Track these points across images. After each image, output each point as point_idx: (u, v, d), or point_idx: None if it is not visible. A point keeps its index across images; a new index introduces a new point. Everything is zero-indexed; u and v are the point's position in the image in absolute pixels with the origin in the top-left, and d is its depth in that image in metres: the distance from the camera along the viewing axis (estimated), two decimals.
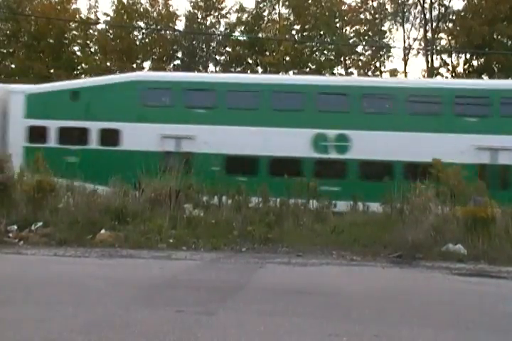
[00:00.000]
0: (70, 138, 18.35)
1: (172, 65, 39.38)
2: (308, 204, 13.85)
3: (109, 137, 18.05)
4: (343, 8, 38.87)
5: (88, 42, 38.43)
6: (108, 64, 36.92)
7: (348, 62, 39.09)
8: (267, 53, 37.74)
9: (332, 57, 38.34)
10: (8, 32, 37.63)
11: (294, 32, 39.14)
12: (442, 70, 37.81)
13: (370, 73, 38.70)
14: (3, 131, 18.48)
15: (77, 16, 38.43)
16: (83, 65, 37.53)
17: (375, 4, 39.06)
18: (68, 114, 18.32)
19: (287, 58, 37.35)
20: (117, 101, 18.23)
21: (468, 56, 36.65)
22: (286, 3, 38.68)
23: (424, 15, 37.75)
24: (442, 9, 37.62)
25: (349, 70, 38.90)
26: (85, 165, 16.22)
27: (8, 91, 19.08)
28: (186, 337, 5.10)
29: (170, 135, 17.61)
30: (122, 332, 5.24)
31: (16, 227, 11.68)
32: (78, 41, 38.45)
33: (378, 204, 13.40)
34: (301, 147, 17.17)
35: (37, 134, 18.27)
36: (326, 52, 38.33)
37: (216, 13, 39.26)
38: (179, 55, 39.76)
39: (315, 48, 38.11)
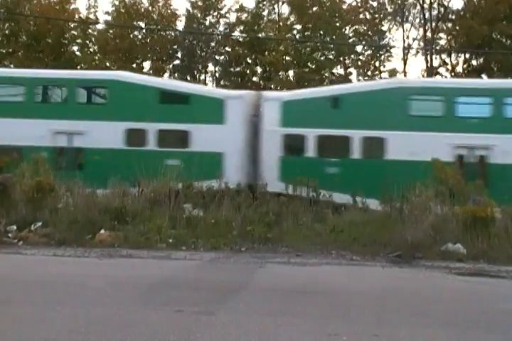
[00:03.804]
0: None
1: (172, 65, 39.39)
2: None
3: None
4: (343, 7, 38.88)
5: (87, 42, 38.42)
6: (107, 64, 36.89)
7: (347, 61, 39.10)
8: (267, 53, 37.72)
9: (332, 56, 38.33)
10: (7, 32, 37.60)
11: (294, 32, 39.12)
12: (442, 70, 37.87)
13: (369, 73, 38.74)
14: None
15: (76, 16, 38.41)
16: (82, 64, 37.48)
17: (374, 4, 39.09)
18: None
19: (287, 58, 37.35)
20: None
21: (467, 56, 36.66)
22: (287, 2, 38.70)
23: (424, 15, 37.79)
24: (441, 9, 37.65)
25: (348, 70, 38.94)
26: None
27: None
28: (186, 337, 5.10)
29: None
30: (122, 331, 5.24)
31: (15, 227, 11.67)
32: (77, 41, 38.44)
33: None
34: None
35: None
36: (325, 51, 38.33)
37: (215, 13, 39.25)
38: (179, 55, 39.75)
39: (315, 48, 38.10)
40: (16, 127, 17.31)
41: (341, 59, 38.74)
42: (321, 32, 38.14)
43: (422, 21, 37.88)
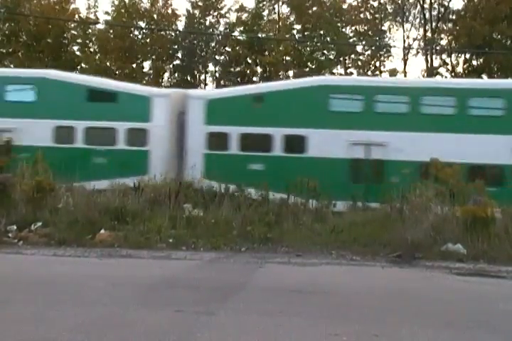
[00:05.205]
0: None
1: (172, 64, 39.39)
2: (308, 203, 13.85)
3: None
4: (344, 7, 38.90)
5: (87, 41, 38.43)
6: (108, 64, 36.91)
7: (347, 61, 39.09)
8: (267, 53, 37.72)
9: (332, 56, 38.33)
10: (7, 32, 37.59)
11: (294, 31, 39.13)
12: (442, 70, 37.86)
13: (369, 73, 38.73)
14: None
15: (77, 16, 38.41)
16: (83, 64, 37.49)
17: (375, 4, 39.10)
18: None
19: (287, 58, 37.35)
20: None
21: (467, 56, 36.66)
22: (287, 2, 38.70)
23: (424, 15, 37.77)
24: (442, 9, 37.65)
25: (349, 70, 38.93)
26: None
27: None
28: (186, 337, 5.09)
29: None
30: (122, 331, 5.24)
31: (15, 227, 11.67)
32: (78, 41, 38.45)
33: None
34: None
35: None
36: (326, 51, 38.33)
37: (215, 13, 39.25)
38: (179, 54, 39.76)
39: (315, 48, 38.11)
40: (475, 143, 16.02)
41: (341, 59, 38.74)
42: (322, 32, 38.15)
43: (423, 21, 37.89)
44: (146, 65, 38.93)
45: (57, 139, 17.57)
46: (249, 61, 38.46)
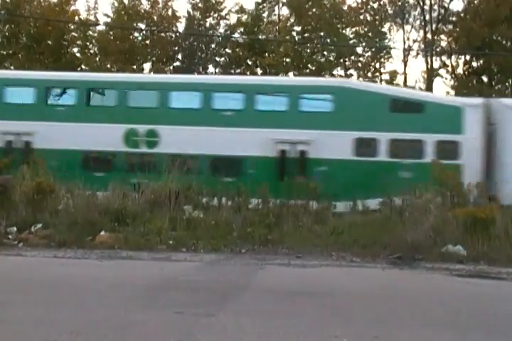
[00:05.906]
0: None
1: (172, 66, 39.41)
2: (308, 205, 13.85)
3: None
4: (344, 8, 38.91)
5: (88, 43, 38.44)
6: (108, 65, 36.92)
7: (347, 63, 39.11)
8: (267, 54, 37.74)
9: (332, 58, 38.35)
10: (7, 33, 37.62)
11: (294, 33, 39.16)
12: (442, 71, 37.87)
13: (369, 74, 38.75)
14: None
15: (77, 18, 38.44)
16: (83, 66, 37.49)
17: (375, 5, 39.09)
18: None
19: (287, 59, 37.37)
20: None
21: (467, 57, 36.68)
22: (287, 4, 38.73)
23: (424, 16, 37.79)
24: (442, 11, 37.68)
25: (349, 72, 38.96)
26: None
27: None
28: (186, 339, 5.09)
29: None
30: (122, 333, 5.23)
31: (15, 229, 11.69)
32: (78, 42, 38.46)
33: None
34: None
35: None
36: (326, 53, 38.35)
37: (216, 15, 39.27)
38: (179, 56, 39.78)
39: (315, 49, 38.13)
40: None
41: (341, 60, 38.76)
42: (322, 33, 38.17)
43: (423, 23, 37.92)
44: (147, 67, 38.94)
45: (358, 152, 16.94)
46: (250, 63, 38.46)
